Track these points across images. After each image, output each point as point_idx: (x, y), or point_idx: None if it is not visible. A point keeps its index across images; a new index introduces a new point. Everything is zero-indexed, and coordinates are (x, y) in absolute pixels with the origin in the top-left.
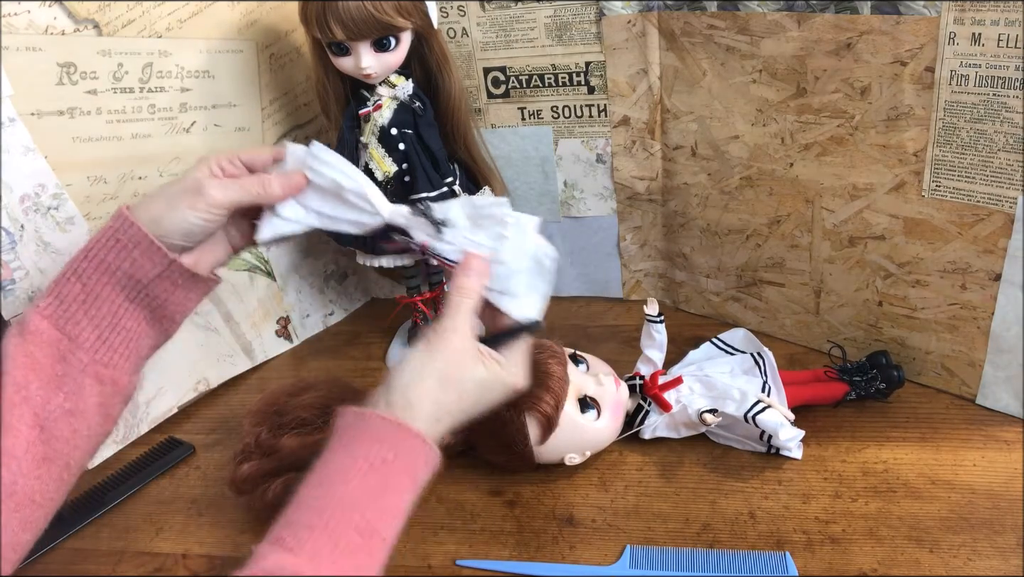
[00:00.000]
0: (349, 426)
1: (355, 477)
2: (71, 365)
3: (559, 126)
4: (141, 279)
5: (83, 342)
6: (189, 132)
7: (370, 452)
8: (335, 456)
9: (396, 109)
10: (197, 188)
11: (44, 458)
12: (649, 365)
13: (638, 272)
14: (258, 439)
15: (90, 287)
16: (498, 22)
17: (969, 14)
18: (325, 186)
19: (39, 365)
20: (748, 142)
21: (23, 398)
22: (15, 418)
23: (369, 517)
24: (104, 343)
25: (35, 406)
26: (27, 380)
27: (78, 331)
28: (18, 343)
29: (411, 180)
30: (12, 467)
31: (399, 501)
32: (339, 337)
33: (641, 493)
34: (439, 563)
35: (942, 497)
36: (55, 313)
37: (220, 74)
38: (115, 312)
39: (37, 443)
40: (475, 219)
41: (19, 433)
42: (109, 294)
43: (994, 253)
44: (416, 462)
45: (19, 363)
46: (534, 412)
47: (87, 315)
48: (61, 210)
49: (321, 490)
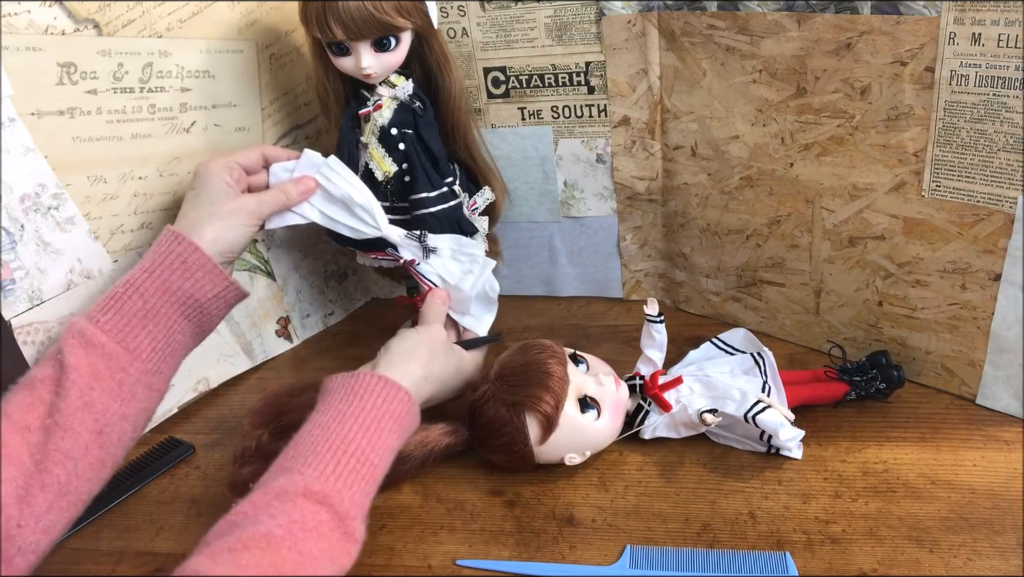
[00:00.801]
0: (341, 385)
1: (350, 419)
2: (129, 375)
3: (559, 126)
4: (200, 299)
5: (140, 354)
6: (189, 132)
7: (365, 402)
8: (331, 407)
9: (396, 109)
10: (241, 207)
11: (99, 461)
12: (649, 365)
13: (638, 272)
14: (258, 442)
15: (151, 304)
16: (498, 22)
17: (969, 14)
18: (336, 195)
19: (101, 375)
20: (748, 142)
21: (86, 403)
22: (77, 422)
23: (364, 446)
24: (157, 354)
25: (96, 412)
26: (90, 387)
27: (136, 344)
28: (81, 353)
29: (411, 180)
30: (69, 467)
31: (389, 440)
32: (339, 337)
33: (641, 493)
34: (439, 563)
35: (942, 497)
36: (115, 328)
37: (220, 74)
38: (170, 327)
39: (94, 446)
40: (455, 253)
41: (80, 437)
42: (168, 311)
43: (994, 253)
44: (401, 411)
45: (83, 372)
46: (534, 412)
47: (145, 329)
48: (61, 210)
49: (319, 430)
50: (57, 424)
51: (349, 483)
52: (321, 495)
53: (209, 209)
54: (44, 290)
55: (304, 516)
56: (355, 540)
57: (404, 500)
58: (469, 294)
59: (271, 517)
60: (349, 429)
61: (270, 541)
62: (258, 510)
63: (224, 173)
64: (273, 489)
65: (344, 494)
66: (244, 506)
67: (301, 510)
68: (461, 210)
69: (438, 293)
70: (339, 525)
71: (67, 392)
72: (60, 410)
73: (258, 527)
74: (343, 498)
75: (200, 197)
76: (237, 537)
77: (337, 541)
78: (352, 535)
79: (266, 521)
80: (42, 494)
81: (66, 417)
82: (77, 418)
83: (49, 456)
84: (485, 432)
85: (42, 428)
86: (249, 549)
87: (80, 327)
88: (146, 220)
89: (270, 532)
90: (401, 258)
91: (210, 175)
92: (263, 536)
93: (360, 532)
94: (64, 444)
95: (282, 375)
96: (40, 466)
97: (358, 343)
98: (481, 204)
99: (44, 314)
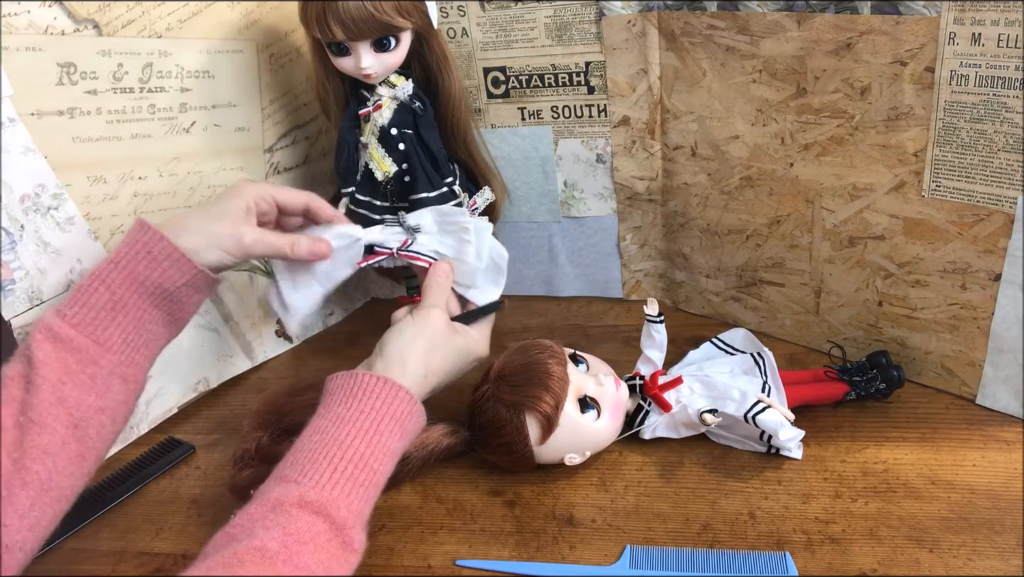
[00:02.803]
0: (340, 387)
1: (349, 423)
2: (101, 368)
3: (559, 126)
4: (169, 288)
5: (111, 346)
6: (189, 132)
7: (364, 405)
8: (330, 411)
9: (396, 109)
10: (235, 233)
11: (79, 455)
12: (649, 365)
13: (638, 272)
14: (258, 444)
15: (118, 296)
16: (498, 22)
17: (969, 14)
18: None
19: (71, 369)
20: (748, 142)
21: (58, 399)
22: (51, 417)
23: (363, 451)
24: (129, 345)
25: (70, 407)
26: (62, 382)
27: (106, 336)
28: (50, 349)
29: (411, 180)
30: (48, 463)
31: (390, 443)
32: (339, 337)
33: (641, 493)
34: (439, 563)
35: (942, 497)
36: (83, 321)
37: (220, 74)
38: (140, 318)
39: (72, 441)
40: (442, 225)
41: (56, 432)
42: (136, 301)
43: (994, 253)
44: (403, 412)
45: (53, 368)
46: (534, 412)
47: (115, 321)
48: (61, 210)
49: (319, 436)
50: (31, 420)
51: (347, 491)
52: (317, 504)
53: (205, 219)
54: (44, 290)
55: (299, 527)
56: (354, 549)
57: (404, 500)
58: (475, 264)
59: (266, 530)
60: (347, 434)
61: (265, 555)
62: (254, 522)
63: (251, 197)
64: (269, 500)
65: (341, 502)
66: (241, 518)
67: (296, 521)
68: None
69: (440, 266)
70: (336, 535)
71: (38, 388)
72: (33, 407)
73: (253, 540)
74: (340, 507)
75: (211, 206)
76: (232, 551)
77: (335, 551)
78: (350, 545)
79: (261, 534)
80: (23, 491)
81: (39, 413)
82: (51, 413)
83: (27, 453)
84: (485, 432)
85: (16, 426)
86: (243, 564)
87: (47, 322)
88: None
89: (265, 545)
90: (392, 250)
91: (237, 193)
92: (258, 550)
93: (359, 541)
94: (40, 440)
95: (282, 375)
96: (18, 464)
97: (358, 343)
98: (481, 204)
99: None
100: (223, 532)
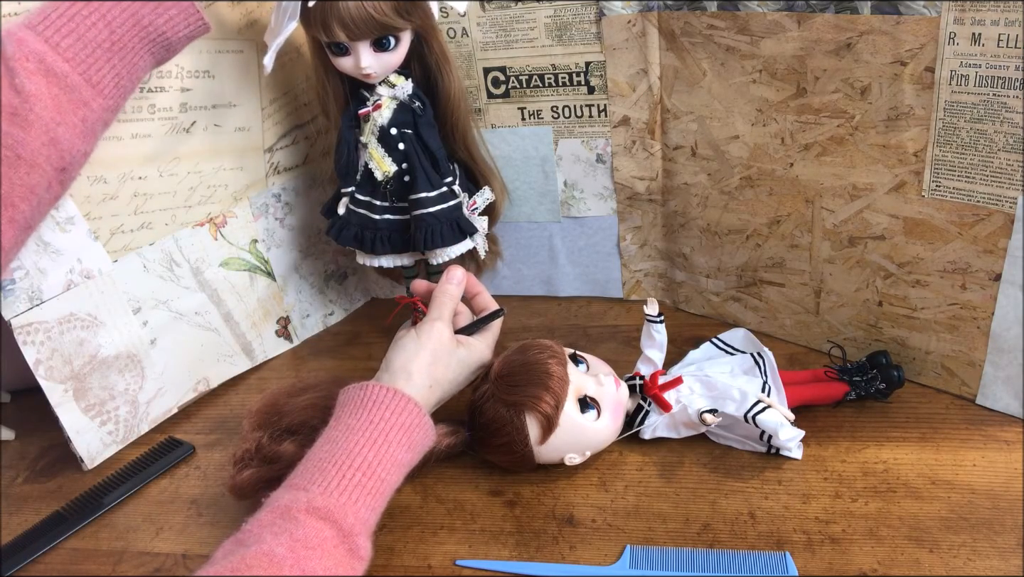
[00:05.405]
0: (351, 399)
1: (357, 433)
2: (91, 111)
3: (559, 126)
4: (171, 37)
5: (103, 89)
6: (189, 132)
7: (373, 415)
8: (340, 422)
9: (396, 109)
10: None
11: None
12: (649, 365)
13: (638, 272)
14: (258, 444)
15: (118, 36)
16: (498, 22)
17: (969, 14)
18: None
19: (64, 109)
20: (748, 142)
21: (51, 139)
22: (43, 159)
23: (370, 460)
24: (119, 91)
25: (62, 150)
26: (56, 123)
27: (100, 77)
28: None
29: (411, 180)
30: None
31: (397, 453)
32: (339, 337)
33: (641, 493)
34: (439, 563)
35: (942, 497)
36: (78, 57)
37: (220, 74)
38: (135, 63)
39: (56, 184)
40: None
41: (45, 173)
42: (136, 46)
43: (994, 253)
44: (410, 422)
45: (47, 105)
46: (534, 412)
47: (109, 63)
48: (61, 210)
49: (329, 446)
50: (20, 158)
51: (354, 498)
52: (325, 511)
53: None
54: (44, 290)
55: (307, 533)
56: (360, 557)
57: (404, 500)
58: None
59: (275, 536)
60: (356, 443)
61: (272, 560)
62: (263, 529)
63: None
64: (279, 507)
65: (349, 509)
66: (251, 524)
67: (305, 527)
68: (460, 210)
69: (454, 272)
70: (343, 541)
71: (31, 124)
72: (24, 144)
73: (261, 546)
74: (347, 513)
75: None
76: (240, 556)
77: (341, 558)
78: (357, 552)
79: (269, 540)
80: (10, 228)
81: (31, 152)
82: (43, 155)
83: (15, 191)
84: (485, 432)
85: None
86: (251, 568)
87: (36, 49)
88: (146, 220)
89: (273, 551)
90: None
91: None
92: (266, 555)
93: (366, 549)
94: (30, 180)
95: (282, 375)
96: (6, 200)
97: (358, 343)
98: (481, 204)
99: (44, 314)
100: (232, 538)
